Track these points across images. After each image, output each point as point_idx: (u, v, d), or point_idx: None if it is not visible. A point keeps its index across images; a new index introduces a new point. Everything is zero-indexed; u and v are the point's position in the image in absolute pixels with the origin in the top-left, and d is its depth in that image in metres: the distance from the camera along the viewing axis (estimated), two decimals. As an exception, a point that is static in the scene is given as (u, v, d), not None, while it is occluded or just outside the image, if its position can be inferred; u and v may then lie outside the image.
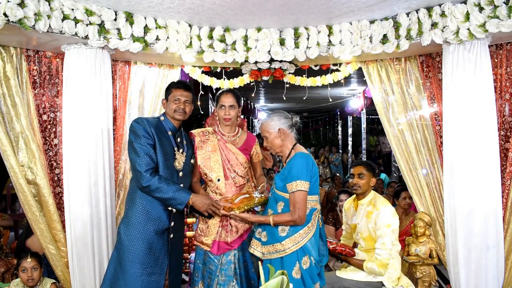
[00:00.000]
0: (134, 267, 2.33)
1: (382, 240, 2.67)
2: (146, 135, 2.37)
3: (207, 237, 2.66)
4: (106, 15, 2.78)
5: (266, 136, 2.49)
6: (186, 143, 2.63)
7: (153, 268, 2.36)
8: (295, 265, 2.34)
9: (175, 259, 2.51)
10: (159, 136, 2.42)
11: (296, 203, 2.30)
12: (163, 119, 2.56)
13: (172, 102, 2.51)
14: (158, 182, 2.32)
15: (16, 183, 2.86)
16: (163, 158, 2.41)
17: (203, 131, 2.79)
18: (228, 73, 3.78)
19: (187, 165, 2.56)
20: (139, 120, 2.45)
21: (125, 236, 2.37)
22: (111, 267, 2.42)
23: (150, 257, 2.36)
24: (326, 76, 3.92)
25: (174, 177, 2.46)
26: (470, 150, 2.77)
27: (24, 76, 2.90)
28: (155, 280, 2.36)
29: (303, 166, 2.32)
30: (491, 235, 2.79)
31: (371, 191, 2.89)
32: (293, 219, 2.31)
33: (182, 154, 2.53)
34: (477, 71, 2.74)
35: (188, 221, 4.25)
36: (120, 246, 2.39)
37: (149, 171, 2.32)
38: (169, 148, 2.47)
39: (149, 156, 2.34)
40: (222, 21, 3.07)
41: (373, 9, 2.87)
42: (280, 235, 2.38)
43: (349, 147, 11.57)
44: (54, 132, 3.03)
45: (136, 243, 2.35)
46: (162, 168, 2.41)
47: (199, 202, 2.39)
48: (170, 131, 2.52)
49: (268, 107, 11.95)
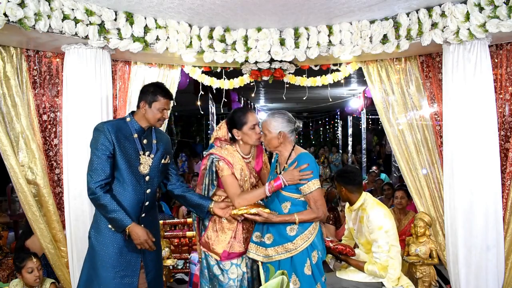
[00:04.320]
0: (106, 271, 2.33)
1: (377, 243, 2.66)
2: (104, 144, 2.29)
3: (216, 246, 2.55)
4: (106, 15, 2.78)
5: (266, 133, 2.49)
6: (157, 143, 2.50)
7: (125, 271, 2.37)
8: (306, 262, 2.38)
9: (150, 260, 2.49)
10: (120, 141, 2.33)
11: (317, 200, 2.38)
12: (130, 120, 2.42)
13: (158, 111, 2.39)
14: (104, 199, 2.27)
15: (16, 183, 2.86)
16: (126, 163, 2.35)
17: (232, 153, 2.56)
18: (228, 73, 3.78)
19: (155, 168, 2.46)
20: (100, 126, 2.35)
21: (95, 241, 2.37)
22: (85, 271, 2.42)
23: (121, 261, 2.36)
24: (326, 76, 3.92)
25: (141, 182, 2.41)
26: (470, 150, 2.77)
27: (24, 76, 2.90)
28: (127, 282, 2.37)
29: (313, 165, 2.40)
30: (491, 235, 2.79)
31: (361, 196, 2.84)
32: (318, 215, 2.39)
33: (148, 157, 2.43)
34: (477, 71, 2.74)
35: (188, 221, 4.25)
36: (92, 251, 2.39)
37: (99, 186, 2.28)
38: (133, 152, 2.38)
39: (102, 170, 2.29)
40: (222, 21, 3.07)
41: (373, 9, 2.87)
42: (290, 234, 2.39)
43: (349, 147, 11.57)
44: (54, 132, 3.03)
45: (107, 248, 2.35)
46: (126, 173, 2.35)
47: (135, 233, 2.30)
48: (136, 133, 2.40)
49: (268, 107, 11.94)
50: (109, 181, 2.33)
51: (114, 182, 2.37)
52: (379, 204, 2.80)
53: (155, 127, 2.52)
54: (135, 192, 2.39)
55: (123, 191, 2.37)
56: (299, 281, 2.35)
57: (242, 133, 2.53)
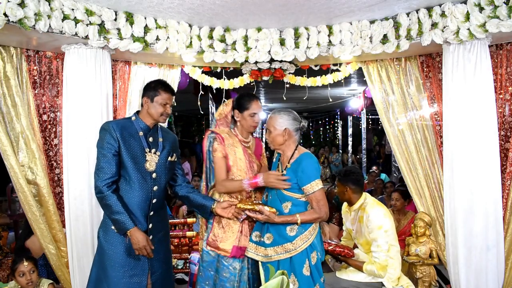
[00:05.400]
0: (115, 270, 2.34)
1: (377, 243, 2.66)
2: (110, 142, 2.31)
3: (224, 243, 2.56)
4: (106, 15, 2.78)
5: (271, 130, 2.49)
6: (163, 141, 2.52)
7: (134, 270, 2.38)
8: (305, 263, 2.37)
9: (157, 260, 2.48)
10: (125, 139, 2.35)
11: (319, 200, 2.38)
12: (135, 119, 2.46)
13: (160, 105, 2.42)
14: (110, 200, 2.28)
15: (16, 183, 2.86)
16: (132, 161, 2.36)
17: (228, 133, 2.67)
18: (228, 73, 3.78)
19: (162, 165, 2.47)
20: (105, 125, 2.38)
21: (104, 241, 2.38)
22: (94, 271, 2.43)
23: (130, 260, 2.37)
24: (326, 76, 3.92)
25: (147, 179, 2.41)
26: (470, 150, 2.77)
27: (24, 76, 2.90)
28: (136, 281, 2.38)
29: (315, 165, 2.41)
30: (491, 235, 2.79)
31: (361, 196, 2.85)
32: (320, 216, 2.39)
33: (155, 155, 2.45)
34: (477, 71, 2.75)
35: (188, 221, 4.25)
36: (101, 250, 2.40)
37: (106, 185, 2.29)
38: (139, 150, 2.40)
39: (109, 169, 2.30)
40: (222, 21, 3.07)
41: (373, 9, 2.87)
42: (290, 234, 2.39)
43: (349, 147, 11.57)
44: (54, 132, 3.04)
45: (115, 247, 2.36)
46: (132, 171, 2.36)
47: (135, 238, 2.30)
48: (142, 131, 2.43)
49: (268, 107, 11.94)
50: (116, 179, 2.35)
51: (121, 180, 2.38)
52: (379, 203, 2.81)
53: (161, 127, 2.55)
54: (141, 190, 2.39)
55: (130, 189, 2.38)
56: (297, 281, 2.35)
57: (242, 117, 2.63)
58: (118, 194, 2.33)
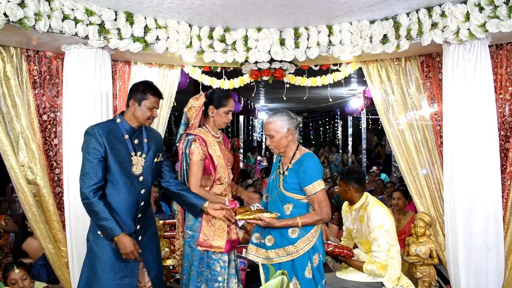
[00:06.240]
0: (106, 273, 2.33)
1: (377, 242, 2.66)
2: (96, 148, 2.28)
3: (216, 240, 2.57)
4: (106, 15, 2.78)
5: (273, 135, 2.42)
6: (148, 141, 2.48)
7: (124, 271, 2.37)
8: (307, 265, 2.35)
9: (150, 258, 2.50)
10: (111, 143, 2.32)
11: (321, 202, 2.35)
12: (120, 121, 2.40)
13: (148, 109, 2.38)
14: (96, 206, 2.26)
15: (16, 183, 2.86)
16: (119, 166, 2.33)
17: (205, 133, 2.65)
18: (228, 73, 3.78)
19: (148, 167, 2.45)
20: (91, 130, 2.32)
21: (94, 244, 2.37)
22: (84, 274, 2.42)
23: (120, 262, 2.36)
24: (326, 76, 3.92)
25: (135, 183, 2.39)
26: (470, 150, 2.77)
27: (24, 76, 2.90)
28: (127, 282, 2.37)
29: (317, 165, 2.39)
30: (491, 235, 2.79)
31: (362, 195, 2.85)
32: (322, 218, 2.35)
33: (141, 157, 2.42)
34: (477, 71, 2.74)
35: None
36: (91, 253, 2.39)
37: (92, 191, 2.26)
38: (125, 153, 2.37)
39: (94, 175, 2.27)
40: (222, 21, 3.07)
41: (373, 9, 2.87)
42: (292, 237, 2.37)
43: (349, 147, 11.57)
44: (54, 132, 3.03)
45: (105, 250, 2.35)
46: (118, 176, 2.33)
47: (122, 243, 2.29)
48: (127, 134, 2.39)
49: (268, 107, 11.95)
50: (102, 184, 2.31)
51: (108, 185, 2.34)
52: (380, 203, 2.81)
53: (144, 126, 2.50)
54: (129, 194, 2.37)
55: (117, 193, 2.35)
56: (299, 284, 2.33)
57: (217, 113, 2.66)
58: (104, 200, 2.30)
